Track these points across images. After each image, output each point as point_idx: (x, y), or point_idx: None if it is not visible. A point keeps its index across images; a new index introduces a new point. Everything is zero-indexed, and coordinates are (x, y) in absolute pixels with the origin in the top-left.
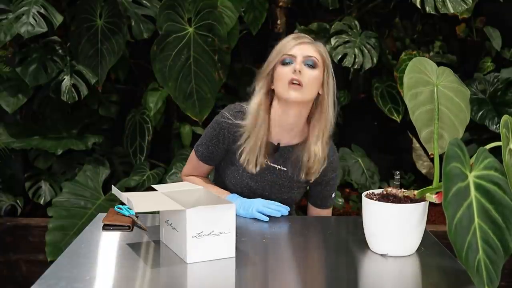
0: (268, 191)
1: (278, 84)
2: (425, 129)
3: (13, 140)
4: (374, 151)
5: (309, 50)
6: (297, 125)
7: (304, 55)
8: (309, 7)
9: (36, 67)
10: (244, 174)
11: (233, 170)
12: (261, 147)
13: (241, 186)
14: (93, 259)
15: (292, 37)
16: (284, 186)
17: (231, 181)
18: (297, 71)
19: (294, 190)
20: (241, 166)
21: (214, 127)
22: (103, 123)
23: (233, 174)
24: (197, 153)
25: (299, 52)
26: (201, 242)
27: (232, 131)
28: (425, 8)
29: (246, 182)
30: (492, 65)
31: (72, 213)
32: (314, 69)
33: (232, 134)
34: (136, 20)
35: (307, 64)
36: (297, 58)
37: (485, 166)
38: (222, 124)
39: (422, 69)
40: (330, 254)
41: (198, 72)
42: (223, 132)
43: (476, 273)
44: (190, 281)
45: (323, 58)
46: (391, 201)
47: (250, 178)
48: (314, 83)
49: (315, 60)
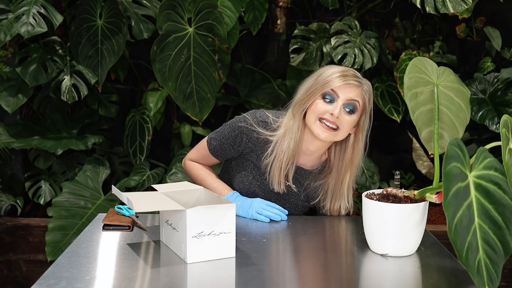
0: (274, 200)
1: (312, 116)
2: (425, 129)
3: (13, 140)
4: (374, 151)
5: (353, 93)
6: (318, 152)
7: (348, 98)
8: (309, 7)
9: (36, 67)
10: (253, 182)
11: (243, 175)
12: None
13: (247, 192)
14: (93, 259)
15: (340, 73)
16: (290, 202)
17: (239, 185)
18: (335, 116)
19: (299, 207)
20: (253, 173)
21: (234, 128)
22: (103, 123)
23: (242, 179)
24: (210, 146)
25: (343, 94)
26: (201, 242)
27: (253, 138)
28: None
29: (253, 190)
30: (492, 65)
31: (72, 213)
32: (352, 114)
33: (251, 142)
34: (136, 20)
35: (347, 108)
36: (339, 98)
37: (485, 166)
38: (243, 129)
39: (422, 69)
40: (330, 254)
41: (198, 72)
42: (242, 136)
43: (476, 273)
44: (190, 281)
45: (364, 102)
46: (391, 201)
47: (258, 187)
48: (349, 127)
49: (356, 104)
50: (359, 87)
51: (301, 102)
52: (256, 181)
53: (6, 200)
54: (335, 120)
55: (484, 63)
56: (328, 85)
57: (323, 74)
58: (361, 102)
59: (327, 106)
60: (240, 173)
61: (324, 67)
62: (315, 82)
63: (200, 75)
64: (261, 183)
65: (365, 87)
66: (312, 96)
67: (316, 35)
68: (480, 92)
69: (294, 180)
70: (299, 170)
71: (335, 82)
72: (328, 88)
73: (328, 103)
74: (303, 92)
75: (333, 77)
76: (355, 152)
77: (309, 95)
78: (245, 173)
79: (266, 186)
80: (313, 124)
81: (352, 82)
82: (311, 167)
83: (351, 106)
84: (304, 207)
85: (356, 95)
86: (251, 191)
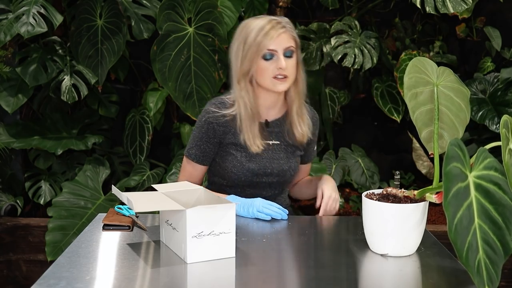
0: (269, 167)
1: (262, 78)
2: (425, 129)
3: (13, 140)
4: (374, 151)
5: (285, 40)
6: (279, 101)
7: (284, 48)
8: (309, 7)
9: (36, 67)
10: (243, 159)
11: (231, 160)
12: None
13: (243, 172)
14: (93, 259)
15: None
16: (282, 158)
17: (232, 170)
18: (283, 69)
19: (291, 159)
20: (239, 152)
21: (202, 126)
22: (103, 123)
23: (233, 163)
24: (190, 157)
25: (279, 46)
26: (201, 242)
27: (221, 122)
28: (425, 8)
29: (248, 166)
30: (492, 65)
31: (72, 213)
32: (292, 57)
33: (221, 125)
34: (136, 20)
35: (286, 56)
36: (278, 52)
37: (485, 166)
38: (209, 119)
39: (422, 69)
40: (330, 254)
41: (198, 72)
42: (212, 126)
43: (476, 273)
44: (190, 281)
45: (296, 42)
46: (391, 201)
47: (249, 161)
48: (295, 69)
49: (292, 49)
50: (286, 31)
51: (244, 72)
52: (245, 158)
53: (6, 200)
54: (284, 72)
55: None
56: (262, 47)
57: (250, 36)
58: (294, 43)
59: (271, 64)
60: (228, 159)
61: (244, 26)
62: (248, 48)
63: (200, 75)
64: (251, 156)
65: (288, 26)
66: (254, 63)
67: (316, 35)
68: (480, 92)
69: (274, 134)
70: (272, 124)
71: (267, 41)
72: (264, 49)
73: (270, 60)
74: (240, 61)
75: (262, 37)
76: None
77: (249, 63)
78: (232, 156)
79: (255, 157)
80: (269, 84)
81: (280, 31)
82: (280, 115)
83: (289, 52)
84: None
85: (288, 40)
86: (245, 168)
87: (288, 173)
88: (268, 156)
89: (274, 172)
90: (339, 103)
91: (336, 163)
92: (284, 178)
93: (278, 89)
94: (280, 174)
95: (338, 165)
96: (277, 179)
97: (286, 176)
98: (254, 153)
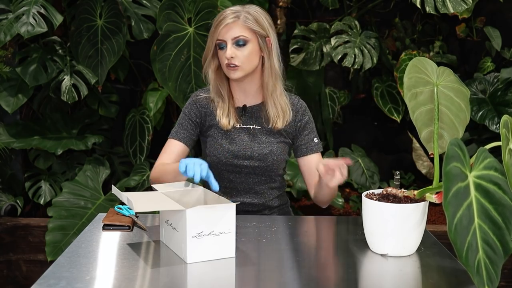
0: (249, 150)
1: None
2: (425, 129)
3: (13, 140)
4: (374, 151)
5: (235, 30)
6: (253, 88)
7: (232, 38)
8: (309, 7)
9: (36, 67)
10: (223, 141)
11: (212, 142)
12: (230, 110)
13: (223, 153)
14: (93, 259)
15: (218, 21)
16: (263, 142)
17: (213, 152)
18: (230, 58)
19: (274, 144)
20: (219, 134)
21: (186, 107)
22: (103, 123)
23: (214, 146)
24: (172, 135)
25: (227, 35)
26: (201, 242)
27: (203, 104)
28: (425, 8)
29: (227, 148)
30: (492, 65)
31: (72, 213)
32: (245, 46)
33: (203, 107)
34: (136, 20)
35: (237, 44)
36: (227, 42)
37: (485, 166)
38: (193, 100)
39: (422, 69)
40: (330, 254)
41: (198, 72)
42: (195, 106)
43: (476, 273)
44: (190, 281)
45: (253, 30)
46: (391, 201)
47: (229, 143)
48: (249, 58)
49: (243, 38)
50: (237, 21)
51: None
52: (225, 140)
53: (6, 200)
54: (233, 61)
55: (484, 63)
56: (214, 37)
57: (212, 26)
58: (248, 32)
59: (223, 54)
60: (210, 143)
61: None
62: (209, 37)
63: (200, 75)
64: (231, 139)
65: (243, 15)
66: (209, 52)
67: (316, 35)
68: (480, 92)
69: (252, 119)
70: (251, 109)
71: (216, 31)
72: (215, 40)
73: (222, 49)
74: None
75: (214, 27)
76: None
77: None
78: (211, 138)
79: (235, 139)
80: (226, 72)
81: (229, 21)
82: (260, 101)
83: (240, 41)
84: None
85: (240, 30)
86: (225, 150)
87: (269, 157)
88: (248, 139)
89: (255, 155)
90: (339, 103)
91: None
92: (266, 162)
93: (231, 77)
94: (262, 158)
95: None
96: (259, 163)
97: (268, 160)
98: (234, 136)
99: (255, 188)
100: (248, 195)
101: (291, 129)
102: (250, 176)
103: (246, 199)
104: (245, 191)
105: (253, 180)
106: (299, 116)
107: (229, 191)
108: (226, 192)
